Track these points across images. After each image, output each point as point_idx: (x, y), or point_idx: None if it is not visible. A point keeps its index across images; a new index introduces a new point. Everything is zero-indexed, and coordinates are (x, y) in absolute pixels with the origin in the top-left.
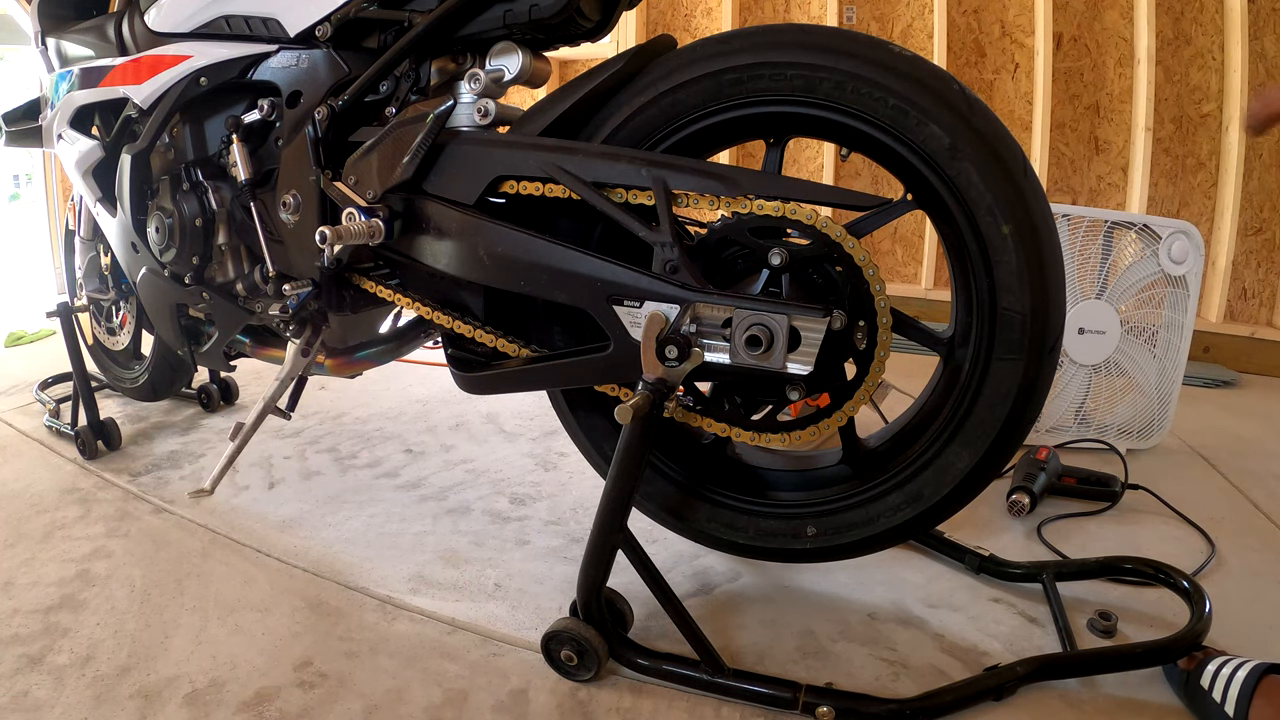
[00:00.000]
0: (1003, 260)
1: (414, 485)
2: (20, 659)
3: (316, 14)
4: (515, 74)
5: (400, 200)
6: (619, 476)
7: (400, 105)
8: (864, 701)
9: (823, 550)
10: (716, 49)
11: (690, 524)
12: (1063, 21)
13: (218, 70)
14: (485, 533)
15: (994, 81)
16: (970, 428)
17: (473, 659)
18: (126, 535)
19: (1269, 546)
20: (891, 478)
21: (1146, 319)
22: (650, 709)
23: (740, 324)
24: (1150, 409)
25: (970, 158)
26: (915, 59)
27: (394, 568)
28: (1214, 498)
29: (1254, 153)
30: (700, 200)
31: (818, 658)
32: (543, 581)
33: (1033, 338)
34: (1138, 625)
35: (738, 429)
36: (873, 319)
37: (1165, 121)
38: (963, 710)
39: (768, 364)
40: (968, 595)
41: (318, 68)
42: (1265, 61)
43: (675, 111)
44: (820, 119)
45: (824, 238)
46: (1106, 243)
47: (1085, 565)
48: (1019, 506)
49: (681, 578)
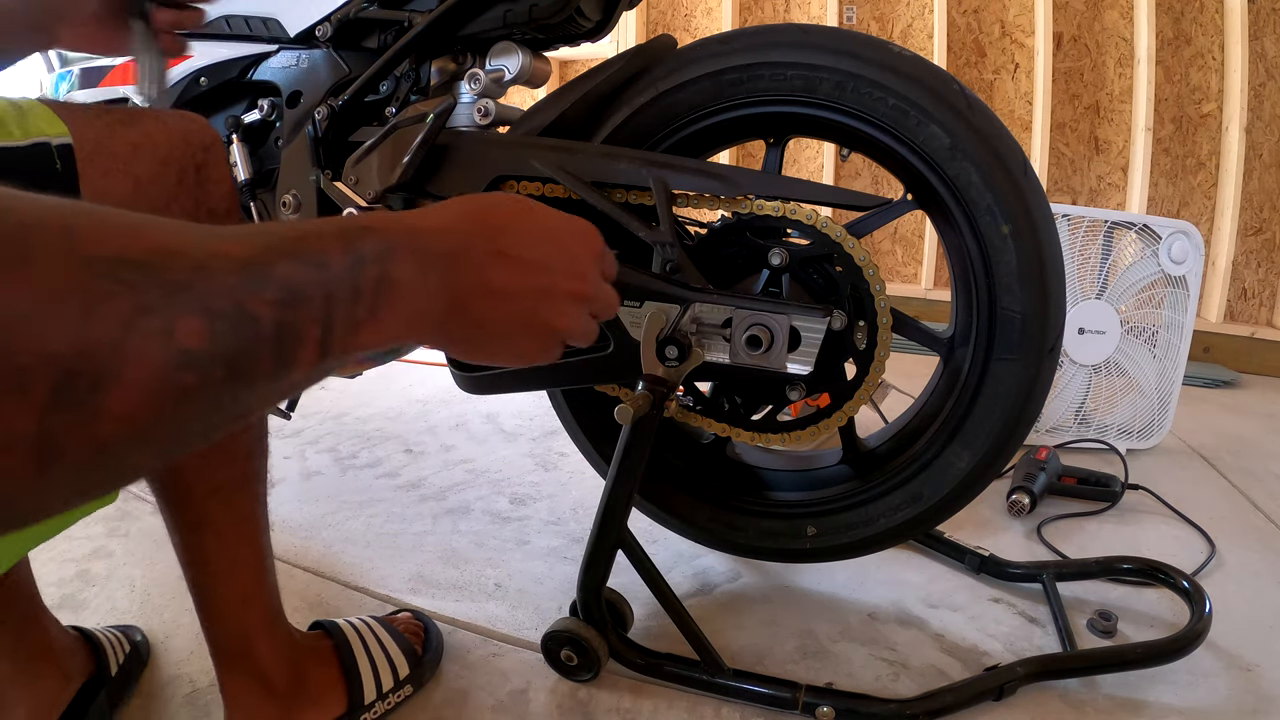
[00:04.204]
0: (1002, 260)
1: (414, 485)
2: None
3: (316, 14)
4: (515, 74)
5: (400, 200)
6: (619, 476)
7: (400, 105)
8: (864, 701)
9: (823, 550)
10: (716, 49)
11: (690, 524)
12: (1063, 21)
13: (217, 70)
14: (485, 533)
15: (994, 81)
16: (970, 428)
17: (472, 659)
18: (126, 535)
19: (1269, 546)
20: (891, 478)
21: (1146, 319)
22: (650, 709)
23: (740, 324)
24: (1150, 409)
25: (970, 158)
26: (915, 59)
27: (394, 567)
28: (1214, 498)
29: (1254, 153)
30: (700, 200)
31: (818, 658)
32: (543, 581)
33: (1032, 338)
34: (1138, 625)
35: (738, 429)
36: (873, 319)
37: (1165, 121)
38: (963, 710)
39: (768, 364)
40: (968, 595)
41: (318, 68)
42: (1265, 61)
43: (675, 111)
44: (820, 119)
45: (824, 238)
46: (1106, 243)
47: (1085, 565)
48: (1019, 506)
49: (681, 578)
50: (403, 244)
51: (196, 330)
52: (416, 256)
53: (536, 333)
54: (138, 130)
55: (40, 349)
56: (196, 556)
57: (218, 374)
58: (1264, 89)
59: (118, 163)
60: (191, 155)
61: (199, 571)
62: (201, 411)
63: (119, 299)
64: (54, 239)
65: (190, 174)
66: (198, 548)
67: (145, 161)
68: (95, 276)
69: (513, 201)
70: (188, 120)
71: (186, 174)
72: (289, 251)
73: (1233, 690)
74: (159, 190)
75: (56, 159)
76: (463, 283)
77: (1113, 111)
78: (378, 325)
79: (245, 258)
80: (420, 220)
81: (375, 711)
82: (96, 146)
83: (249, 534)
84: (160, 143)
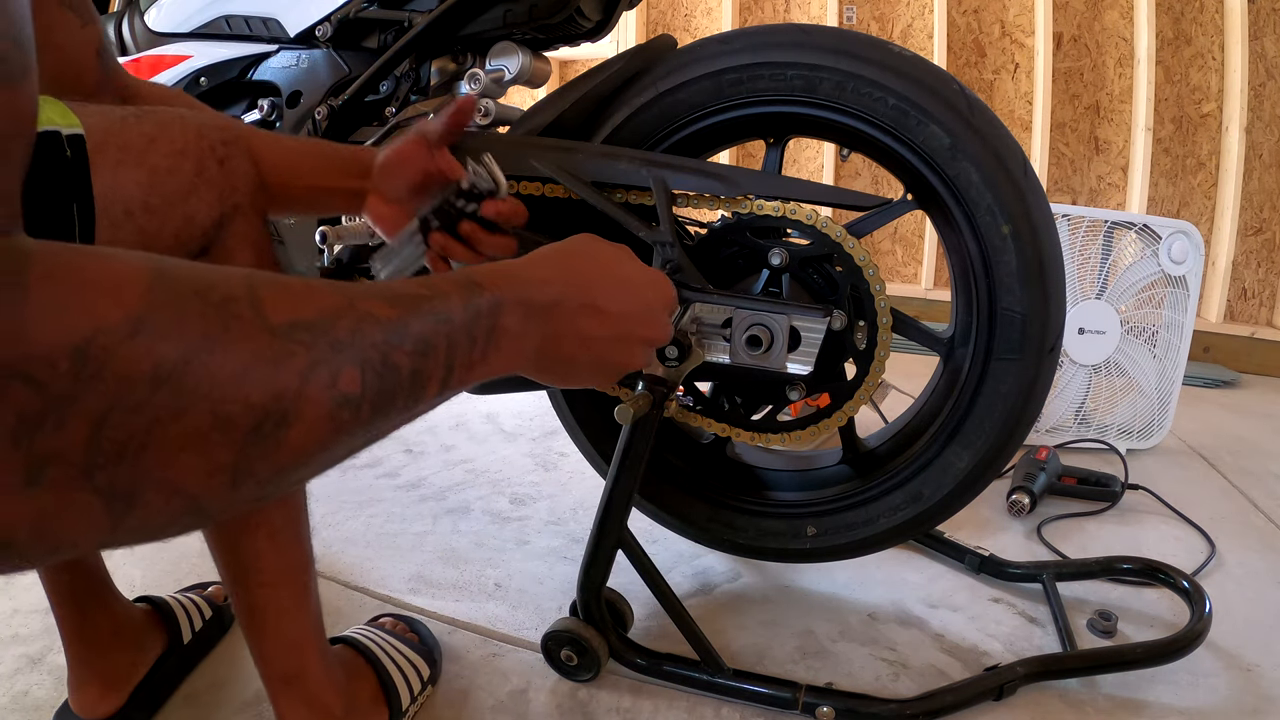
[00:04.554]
0: (1002, 260)
1: (414, 485)
2: (20, 659)
3: (316, 14)
4: (515, 74)
5: None
6: (619, 477)
7: (400, 105)
8: (864, 701)
9: (823, 550)
10: (717, 49)
11: (690, 524)
12: (1063, 21)
13: (218, 70)
14: (485, 533)
15: (994, 81)
16: (970, 428)
17: (473, 659)
18: None
19: (1269, 546)
20: (891, 478)
21: (1146, 319)
22: (650, 709)
23: (740, 324)
24: (1150, 409)
25: (970, 158)
26: (915, 59)
27: (394, 567)
28: (1214, 498)
29: (1254, 153)
30: (700, 200)
31: (818, 658)
32: (543, 581)
33: (1032, 338)
34: (1138, 625)
35: (738, 429)
36: (873, 319)
37: (1165, 121)
38: (963, 710)
39: (768, 364)
40: (968, 595)
41: (318, 68)
42: (1265, 61)
43: (675, 111)
44: (820, 119)
45: (824, 238)
46: (1106, 243)
47: (1085, 565)
48: (1019, 506)
49: (681, 578)
50: (509, 297)
51: (353, 379)
52: (521, 308)
53: (610, 369)
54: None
55: (243, 399)
56: (251, 563)
57: (366, 412)
58: (1264, 89)
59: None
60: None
61: (251, 582)
62: (351, 440)
63: (298, 357)
64: (248, 311)
65: (211, 166)
66: (251, 553)
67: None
68: (280, 339)
69: (600, 253)
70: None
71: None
72: (421, 309)
73: (1233, 690)
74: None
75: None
76: (557, 330)
77: (1113, 111)
78: (487, 365)
79: (388, 317)
80: (523, 272)
81: (409, 716)
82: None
83: (301, 534)
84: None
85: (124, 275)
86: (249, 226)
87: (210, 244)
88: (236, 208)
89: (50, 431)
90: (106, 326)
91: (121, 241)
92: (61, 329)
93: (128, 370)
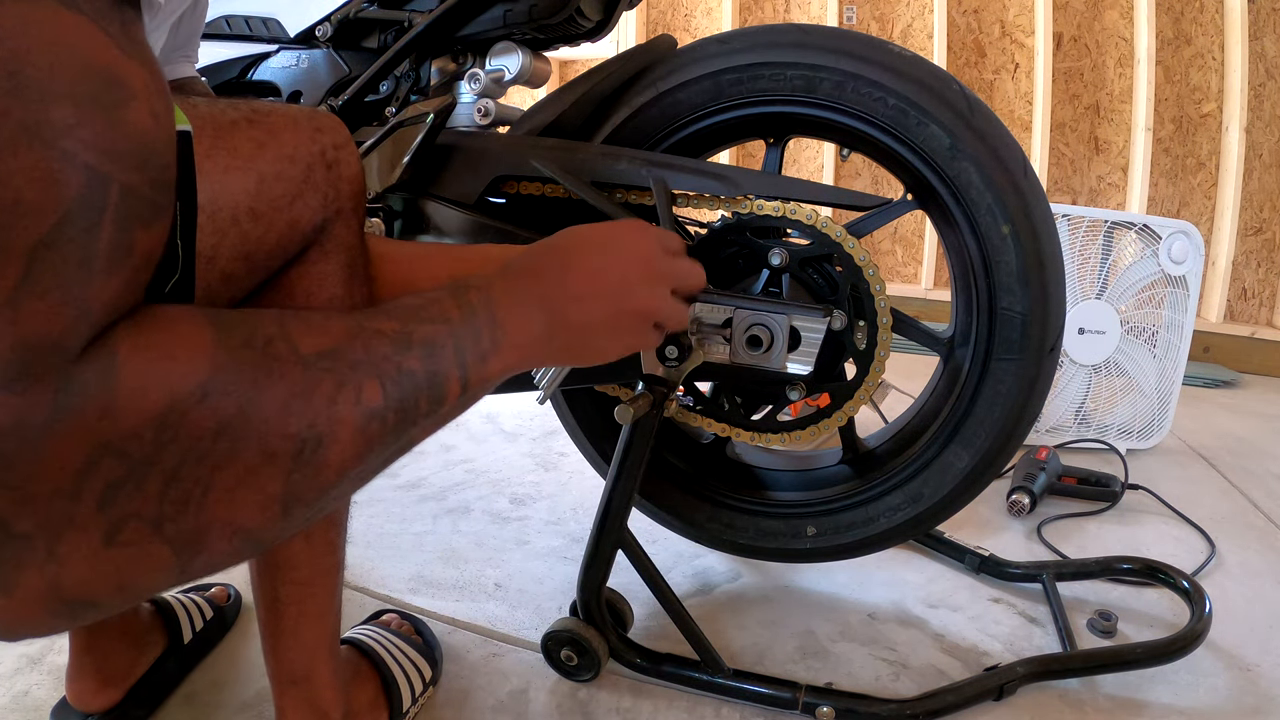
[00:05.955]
0: (1002, 260)
1: (414, 485)
2: (20, 659)
3: (316, 14)
4: (515, 74)
5: (400, 200)
6: (619, 477)
7: (400, 105)
8: (864, 701)
9: (823, 550)
10: (717, 49)
11: (690, 524)
12: (1063, 21)
13: (217, 70)
14: (485, 533)
15: (994, 81)
16: (970, 428)
17: (472, 659)
18: None
19: (1269, 546)
20: (891, 478)
21: (1146, 319)
22: (650, 709)
23: (740, 324)
24: (1150, 409)
25: (970, 158)
26: (915, 59)
27: (394, 568)
28: (1214, 498)
29: (1254, 153)
30: (700, 200)
31: (818, 658)
32: (543, 581)
33: (1032, 338)
34: (1138, 625)
35: (738, 429)
36: (873, 319)
37: (1165, 121)
38: (963, 710)
39: (768, 364)
40: (968, 595)
41: (318, 68)
42: (1265, 61)
43: (675, 111)
44: (820, 119)
45: (824, 238)
46: (1106, 243)
47: (1085, 565)
48: (1019, 506)
49: (681, 578)
50: (497, 288)
51: (375, 391)
52: (509, 293)
53: (630, 321)
54: (263, 128)
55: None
56: (285, 560)
57: (392, 419)
58: (1264, 89)
59: (239, 159)
60: (321, 152)
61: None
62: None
63: (326, 382)
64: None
65: (320, 170)
66: (286, 550)
67: (269, 158)
68: (311, 369)
69: (573, 229)
70: (318, 117)
71: (315, 170)
72: (421, 318)
73: (1233, 690)
74: (284, 187)
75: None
76: (549, 296)
77: (1113, 111)
78: (500, 355)
79: (393, 330)
80: (507, 265)
81: (409, 718)
82: (216, 142)
83: (335, 541)
84: (287, 140)
85: (192, 342)
86: (348, 231)
87: (309, 245)
88: (339, 212)
89: (130, 494)
90: (182, 394)
91: (226, 247)
92: (146, 404)
93: (197, 430)
